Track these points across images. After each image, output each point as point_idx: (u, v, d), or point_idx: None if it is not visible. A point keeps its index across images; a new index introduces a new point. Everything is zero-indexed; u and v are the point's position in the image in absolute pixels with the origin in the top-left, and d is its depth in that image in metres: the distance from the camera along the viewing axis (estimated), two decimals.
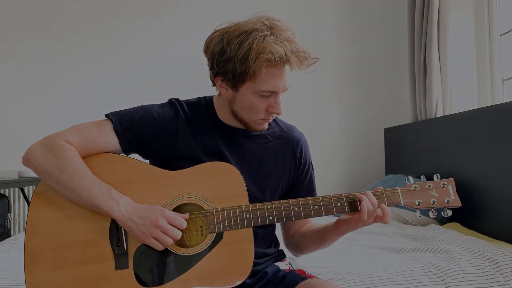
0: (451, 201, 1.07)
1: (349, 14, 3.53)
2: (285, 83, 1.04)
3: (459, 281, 1.44)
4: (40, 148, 1.05)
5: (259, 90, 1.02)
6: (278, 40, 0.99)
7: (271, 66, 1.00)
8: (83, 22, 3.32)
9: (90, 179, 1.02)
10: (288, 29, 1.03)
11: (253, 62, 0.97)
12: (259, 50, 0.97)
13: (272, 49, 0.97)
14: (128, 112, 1.12)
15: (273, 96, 1.05)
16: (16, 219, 3.17)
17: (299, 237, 1.21)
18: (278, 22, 1.03)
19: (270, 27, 1.01)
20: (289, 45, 1.00)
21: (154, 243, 0.97)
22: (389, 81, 3.51)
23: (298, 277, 1.10)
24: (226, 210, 1.02)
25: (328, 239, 1.15)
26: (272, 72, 1.00)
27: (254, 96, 1.04)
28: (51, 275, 0.99)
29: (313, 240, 1.18)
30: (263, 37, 0.98)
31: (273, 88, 1.02)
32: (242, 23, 1.03)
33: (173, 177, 1.06)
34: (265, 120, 1.09)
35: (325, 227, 1.15)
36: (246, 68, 0.98)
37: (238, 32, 1.00)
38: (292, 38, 1.02)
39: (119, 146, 1.09)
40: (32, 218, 1.03)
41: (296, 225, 1.23)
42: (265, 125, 1.13)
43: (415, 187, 1.08)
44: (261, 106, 1.05)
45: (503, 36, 2.68)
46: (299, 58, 1.02)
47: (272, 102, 1.05)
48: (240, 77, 1.01)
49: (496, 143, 2.01)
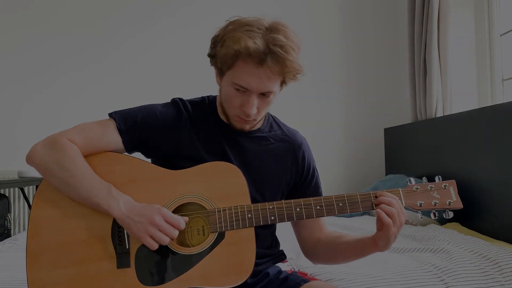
0: (452, 202, 1.07)
1: (349, 14, 3.53)
2: (261, 85, 1.00)
3: (459, 281, 1.43)
4: (43, 146, 1.05)
5: (233, 82, 1.02)
6: (261, 38, 0.97)
7: (246, 61, 0.98)
8: (84, 21, 3.32)
9: (91, 177, 1.02)
10: (289, 39, 0.99)
11: (226, 49, 0.99)
12: (233, 40, 0.98)
13: (246, 43, 0.96)
14: (132, 112, 1.12)
15: (248, 94, 1.03)
16: (16, 219, 3.17)
17: (326, 249, 1.17)
18: (283, 28, 1.01)
19: (267, 28, 0.99)
20: (273, 47, 0.96)
21: (149, 241, 0.96)
22: (389, 81, 3.51)
23: (300, 279, 1.09)
24: (228, 210, 1.02)
25: (366, 254, 1.11)
26: (247, 68, 0.99)
27: (230, 87, 1.04)
28: (53, 273, 0.99)
29: (347, 254, 1.15)
30: (249, 31, 0.98)
31: (245, 84, 1.01)
32: (251, 18, 1.02)
33: (175, 176, 1.06)
34: (240, 118, 1.07)
35: (362, 243, 1.10)
36: (222, 54, 1.00)
37: (237, 23, 1.01)
38: (284, 44, 0.97)
39: (122, 145, 1.09)
40: (35, 216, 1.03)
41: (311, 232, 1.20)
42: (244, 126, 1.10)
43: (417, 188, 1.08)
44: (235, 100, 1.05)
45: (503, 36, 2.68)
46: (278, 63, 0.97)
47: (245, 100, 1.03)
48: (222, 64, 1.02)
49: (496, 143, 2.01)
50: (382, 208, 1.00)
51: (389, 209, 1.00)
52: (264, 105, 1.06)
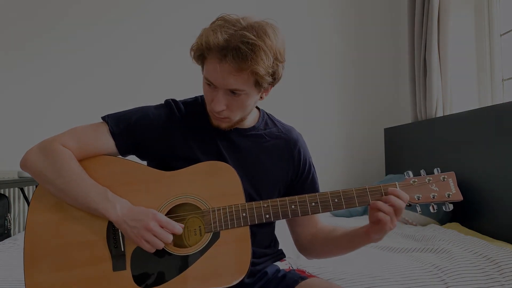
0: (451, 194, 1.04)
1: (349, 14, 3.53)
2: (223, 81, 0.99)
3: (459, 281, 1.43)
4: (37, 152, 1.05)
5: (204, 76, 1.04)
6: (227, 34, 0.96)
7: (210, 56, 0.99)
8: (83, 23, 3.32)
9: (86, 182, 1.02)
10: (263, 40, 0.97)
11: (195, 43, 1.01)
12: (200, 34, 1.00)
13: (207, 37, 0.97)
14: (124, 114, 1.12)
15: (216, 90, 1.02)
16: (16, 219, 3.17)
17: (321, 243, 1.18)
18: (265, 29, 0.99)
19: (244, 27, 0.98)
20: (237, 43, 0.95)
21: (145, 245, 0.97)
22: (389, 81, 3.51)
23: (298, 277, 1.09)
24: (222, 209, 1.02)
25: (359, 246, 1.12)
26: (212, 63, 0.99)
27: (204, 82, 1.05)
28: (50, 277, 1.00)
29: (341, 246, 1.15)
30: (220, 26, 0.99)
31: (210, 79, 1.01)
32: (235, 16, 1.02)
33: (169, 177, 1.05)
34: (213, 114, 1.07)
35: (355, 235, 1.11)
36: (193, 49, 1.02)
37: (218, 20, 1.02)
38: (253, 43, 0.95)
39: (115, 148, 1.09)
40: (31, 221, 1.03)
41: (306, 229, 1.21)
42: (219, 123, 1.09)
43: (414, 181, 1.06)
44: (208, 96, 1.06)
45: (503, 36, 2.68)
46: (238, 59, 0.95)
47: (214, 96, 1.03)
48: (196, 59, 1.04)
49: (496, 143, 2.01)
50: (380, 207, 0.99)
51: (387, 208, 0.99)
52: (235, 104, 1.04)
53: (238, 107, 1.05)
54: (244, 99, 1.04)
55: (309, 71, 3.41)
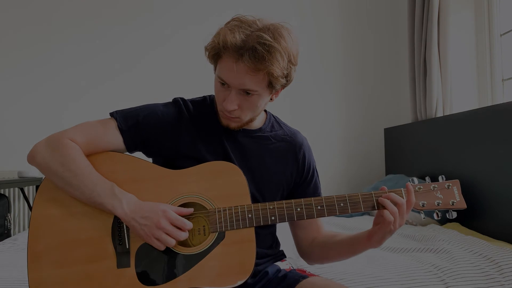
0: (456, 202, 1.06)
1: (349, 14, 3.53)
2: (238, 80, 1.00)
3: (459, 281, 1.44)
4: (45, 146, 1.05)
5: (217, 75, 1.04)
6: (244, 34, 0.97)
7: (226, 55, 1.00)
8: (84, 20, 3.32)
9: (93, 177, 1.02)
10: (279, 42, 0.97)
11: (211, 42, 1.02)
12: (217, 34, 1.01)
13: (225, 37, 0.97)
14: (133, 111, 1.12)
15: (229, 89, 1.03)
16: (16, 219, 3.17)
17: (321, 247, 1.18)
18: (281, 31, 1.00)
19: (261, 28, 0.99)
20: (254, 44, 0.96)
21: (156, 243, 0.97)
22: (389, 81, 3.51)
23: (299, 276, 1.10)
24: (228, 209, 1.02)
25: (359, 250, 1.11)
26: (227, 62, 1.00)
27: (216, 81, 1.05)
28: (54, 272, 0.99)
29: (341, 251, 1.15)
30: (237, 26, 0.99)
31: (224, 78, 1.01)
32: (251, 18, 1.03)
33: (175, 176, 1.06)
34: (224, 114, 1.07)
35: (355, 239, 1.11)
36: (209, 47, 1.03)
37: (233, 20, 1.02)
38: (269, 44, 0.96)
39: (123, 144, 1.09)
40: (36, 215, 1.03)
41: (308, 232, 1.21)
42: (229, 123, 1.09)
43: (419, 188, 1.07)
44: (220, 95, 1.06)
45: (503, 36, 2.68)
46: (255, 59, 0.96)
47: (226, 95, 1.04)
48: (211, 58, 1.05)
49: (496, 143, 2.01)
50: (387, 205, 1.00)
51: (393, 208, 0.99)
52: (247, 104, 1.04)
53: (250, 107, 1.05)
54: (256, 100, 1.04)
55: (309, 71, 3.41)
